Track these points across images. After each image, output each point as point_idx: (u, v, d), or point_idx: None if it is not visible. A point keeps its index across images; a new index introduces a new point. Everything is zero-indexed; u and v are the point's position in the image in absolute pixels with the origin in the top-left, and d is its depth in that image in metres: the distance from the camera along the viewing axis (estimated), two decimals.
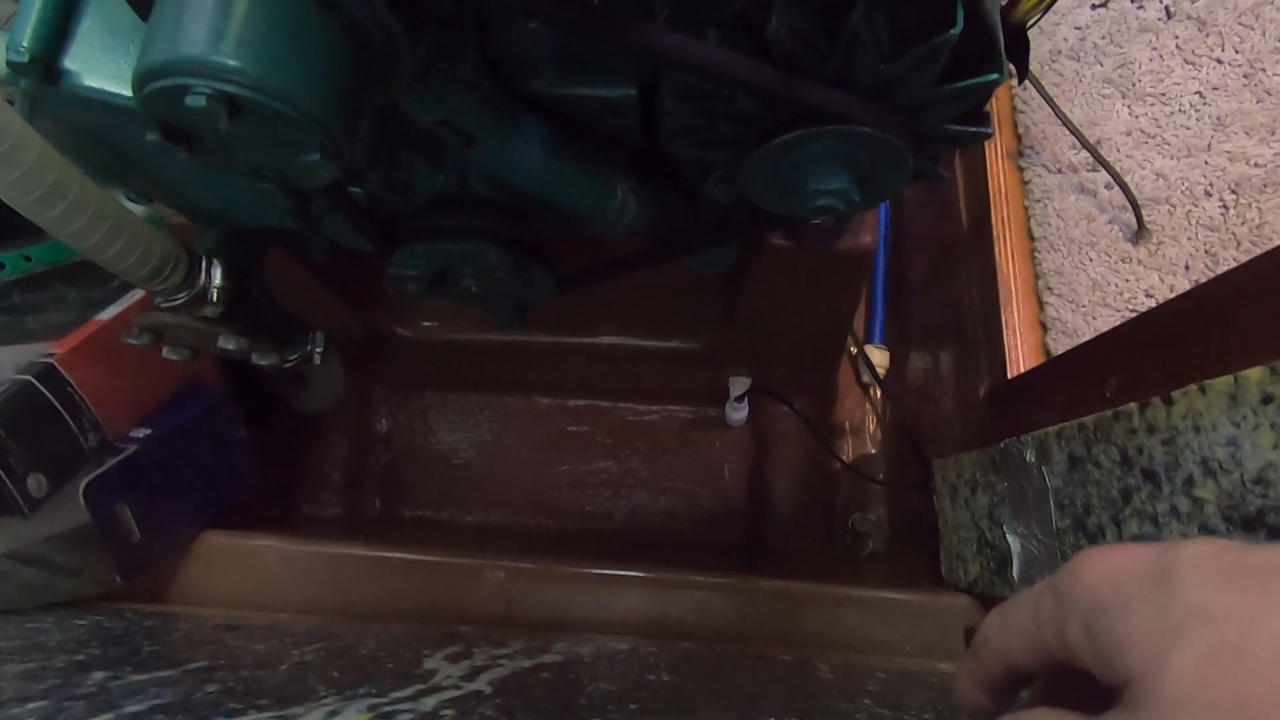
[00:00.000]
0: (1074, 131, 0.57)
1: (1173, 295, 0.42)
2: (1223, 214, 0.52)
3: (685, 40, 0.27)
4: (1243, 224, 0.51)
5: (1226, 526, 0.28)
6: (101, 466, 0.45)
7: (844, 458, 0.73)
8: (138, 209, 0.47)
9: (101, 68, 0.30)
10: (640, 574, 0.48)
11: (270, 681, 0.29)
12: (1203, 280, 0.34)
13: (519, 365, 0.73)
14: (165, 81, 0.22)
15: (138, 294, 0.49)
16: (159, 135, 0.23)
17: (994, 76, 0.27)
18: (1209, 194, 0.53)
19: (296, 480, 0.75)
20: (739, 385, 0.70)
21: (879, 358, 0.73)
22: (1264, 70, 0.54)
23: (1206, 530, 0.29)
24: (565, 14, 0.26)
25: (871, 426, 0.74)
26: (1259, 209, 0.51)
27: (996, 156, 0.61)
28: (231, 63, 0.22)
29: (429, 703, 0.27)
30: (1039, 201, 0.59)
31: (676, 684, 0.33)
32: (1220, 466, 0.28)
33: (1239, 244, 0.51)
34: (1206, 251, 0.52)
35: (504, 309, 0.45)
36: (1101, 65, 0.60)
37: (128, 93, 0.30)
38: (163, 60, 0.22)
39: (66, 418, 0.45)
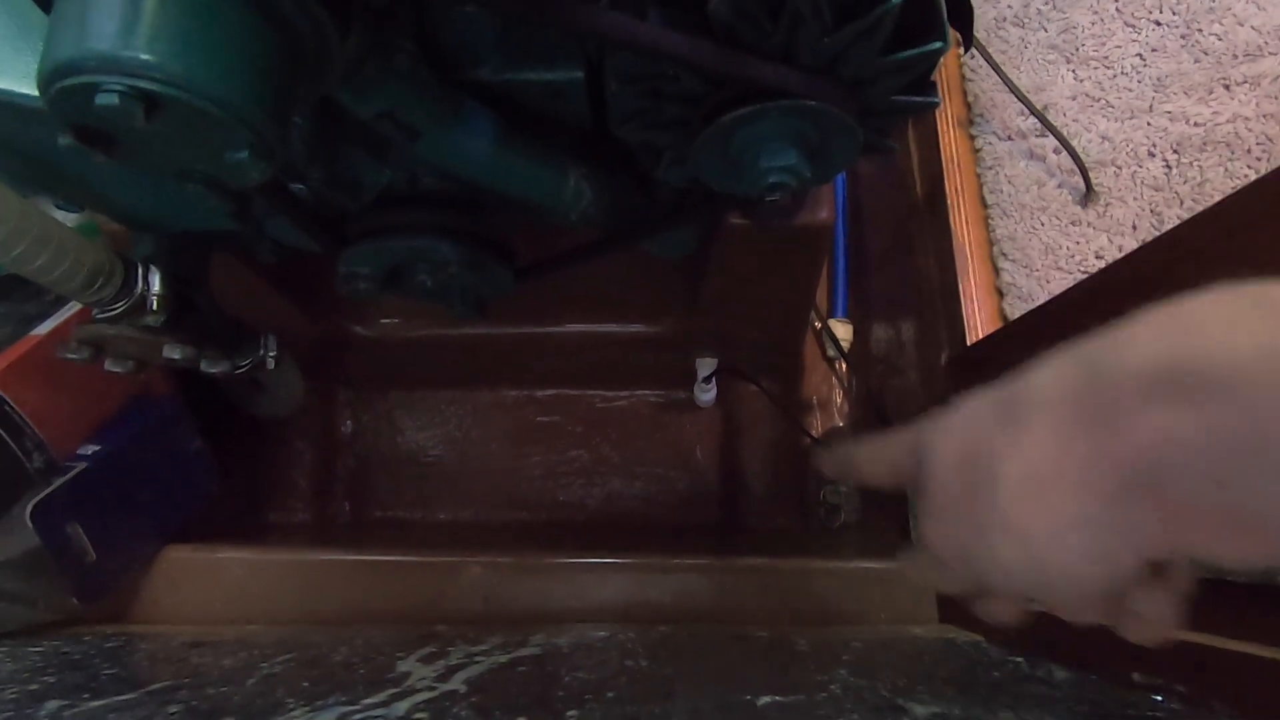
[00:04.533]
0: (1021, 98, 0.58)
1: (1121, 255, 0.42)
2: (1166, 174, 0.53)
3: (626, 20, 0.26)
4: (1185, 183, 0.52)
5: None
6: (49, 487, 0.43)
7: (813, 432, 0.74)
8: (69, 217, 0.45)
9: (10, 68, 0.29)
10: (617, 561, 0.48)
11: (237, 698, 0.28)
12: (1149, 239, 0.35)
13: (484, 359, 0.72)
14: (73, 79, 0.20)
15: (75, 306, 0.47)
16: (73, 138, 0.22)
17: (937, 45, 0.27)
18: (1152, 154, 0.54)
19: (262, 489, 0.73)
20: (705, 366, 0.70)
21: (843, 331, 0.73)
22: (1200, 30, 0.55)
23: None
24: None
25: (838, 400, 0.75)
26: (1199, 167, 0.52)
27: (948, 125, 0.61)
28: (144, 57, 0.20)
29: (401, 707, 0.26)
30: (990, 169, 0.59)
31: (654, 669, 0.33)
32: None
33: (1182, 202, 0.52)
34: (1152, 211, 0.53)
35: (462, 304, 0.44)
36: (1046, 30, 0.61)
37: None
38: (69, 56, 0.20)
39: (7, 439, 0.43)
